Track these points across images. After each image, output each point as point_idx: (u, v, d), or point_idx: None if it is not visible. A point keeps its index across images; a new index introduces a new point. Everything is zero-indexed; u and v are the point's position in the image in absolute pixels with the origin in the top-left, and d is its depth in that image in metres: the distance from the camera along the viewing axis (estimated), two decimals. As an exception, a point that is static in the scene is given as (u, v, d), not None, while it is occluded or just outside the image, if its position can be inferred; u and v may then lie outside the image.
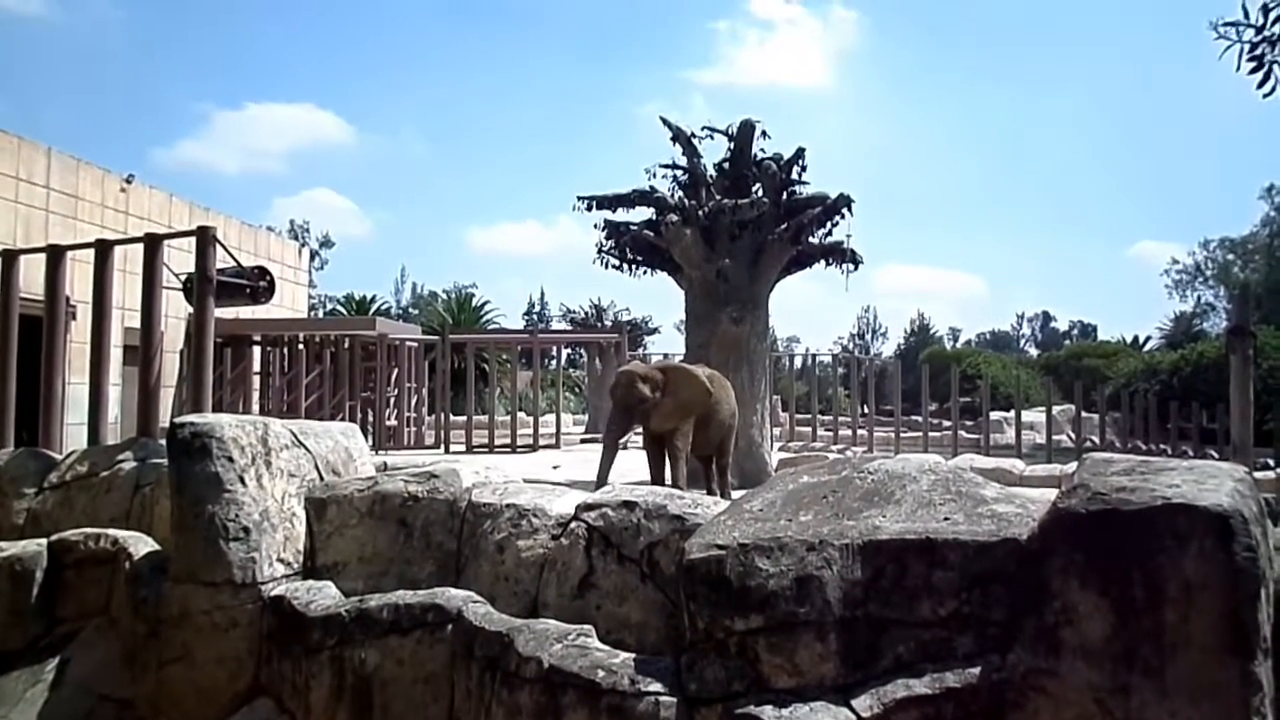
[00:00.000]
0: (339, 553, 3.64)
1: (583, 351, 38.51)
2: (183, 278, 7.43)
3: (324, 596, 3.41)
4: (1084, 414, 18.20)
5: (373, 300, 36.92)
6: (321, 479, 3.86)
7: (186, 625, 3.48)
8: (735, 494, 7.98)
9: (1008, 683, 2.33)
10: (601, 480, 7.11)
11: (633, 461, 9.14)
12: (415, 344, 17.69)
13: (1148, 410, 19.11)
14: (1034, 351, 54.02)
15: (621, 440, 7.48)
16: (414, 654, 3.10)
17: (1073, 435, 18.44)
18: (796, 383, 23.09)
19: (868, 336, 59.39)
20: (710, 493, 7.68)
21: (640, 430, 7.79)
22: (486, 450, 16.77)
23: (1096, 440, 17.71)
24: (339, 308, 36.42)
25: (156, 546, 3.92)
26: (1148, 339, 39.72)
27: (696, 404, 7.69)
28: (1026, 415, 18.43)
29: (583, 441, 20.34)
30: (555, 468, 11.78)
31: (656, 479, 7.57)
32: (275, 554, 3.59)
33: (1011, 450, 15.57)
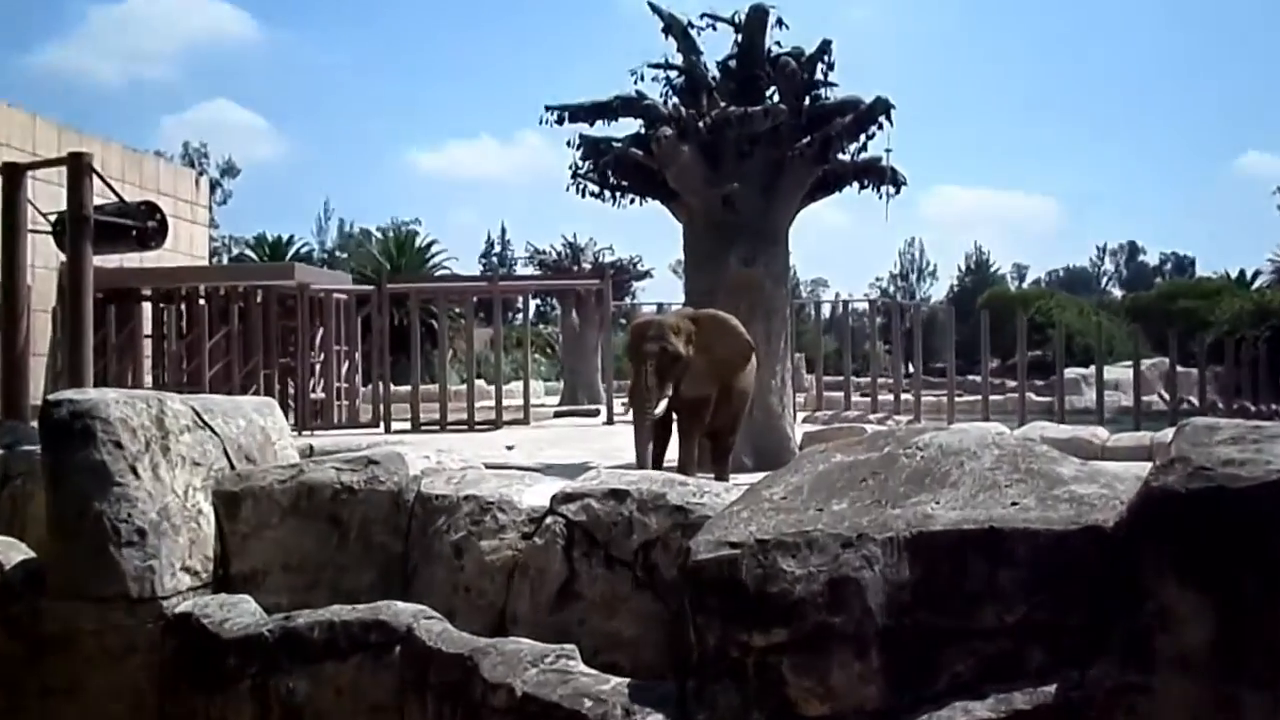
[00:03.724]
0: (257, 559, 3.66)
1: (555, 302, 38.68)
2: (52, 218, 7.35)
3: (241, 613, 3.42)
4: (1179, 369, 18.25)
5: (290, 243, 36.74)
6: (233, 468, 3.85)
7: (72, 650, 3.49)
8: (745, 477, 8.13)
9: (1089, 702, 2.35)
10: (643, 462, 7.33)
11: (618, 440, 9.19)
12: (345, 296, 17.61)
13: (1257, 362, 19.18)
14: (1118, 292, 54.33)
15: (660, 411, 7.57)
16: (354, 682, 3.12)
17: (1166, 396, 18.52)
18: (824, 337, 23.16)
19: (912, 277, 59.52)
20: (717, 479, 7.83)
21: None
22: (437, 429, 16.86)
23: (1195, 401, 17.84)
24: (248, 253, 36.22)
25: (30, 554, 3.90)
26: (1255, 275, 39.93)
27: (737, 363, 7.83)
28: (1109, 372, 18.48)
29: (558, 415, 20.53)
30: (509, 448, 12.06)
31: (655, 460, 7.71)
32: (179, 561, 3.60)
33: (1091, 415, 15.69)
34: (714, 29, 11.05)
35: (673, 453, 7.96)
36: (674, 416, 7.92)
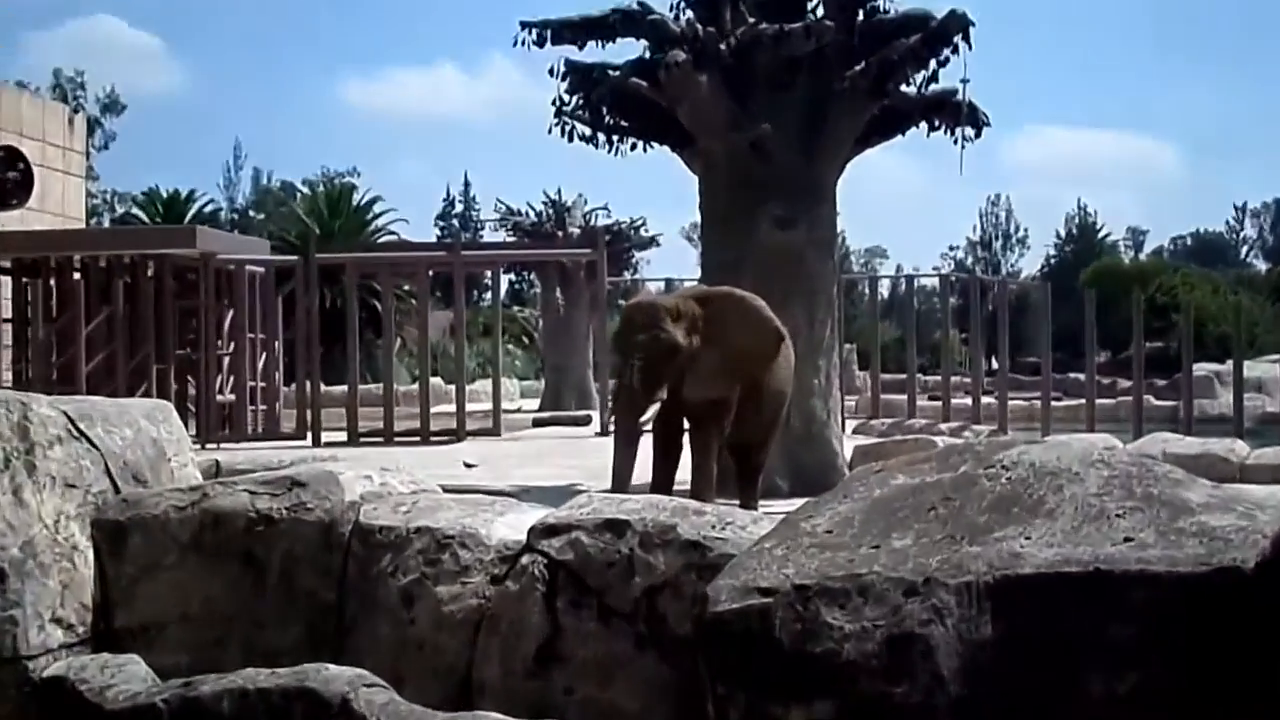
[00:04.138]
0: (150, 608, 3.67)
1: (534, 278, 38.65)
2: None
3: (128, 678, 3.43)
4: (1344, 365, 18.26)
5: (190, 199, 36.76)
6: (117, 491, 3.87)
7: (-92, 727, 3.54)
8: (780, 505, 8.17)
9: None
10: (621, 485, 7.39)
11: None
12: (261, 270, 17.61)
13: None
14: (1262, 265, 54.25)
15: (647, 420, 7.70)
16: (275, 768, 3.14)
17: (1325, 399, 18.56)
18: (883, 323, 23.15)
19: (996, 245, 59.55)
20: (743, 506, 7.91)
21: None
22: (381, 441, 16.83)
23: (1363, 406, 17.85)
24: (136, 213, 36.25)
25: None
26: None
27: (760, 357, 7.92)
28: (1250, 368, 18.43)
29: (538, 424, 20.55)
30: (469, 466, 12.14)
31: (661, 482, 7.76)
32: (48, 611, 3.61)
33: (1227, 424, 15.68)
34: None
35: (684, 474, 8.01)
36: (684, 427, 7.97)
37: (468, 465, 12.28)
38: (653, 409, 7.59)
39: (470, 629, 3.32)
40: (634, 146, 11.41)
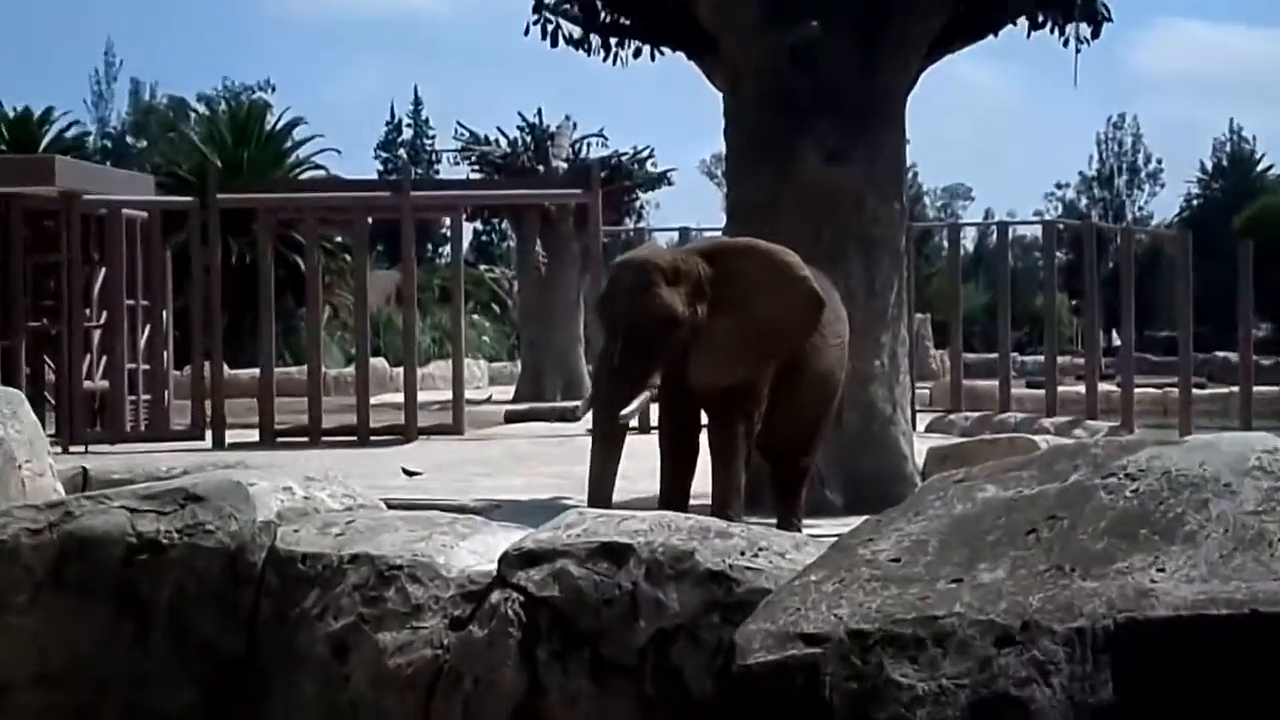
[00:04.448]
0: (-5, 663, 3.68)
1: (508, 227, 38.54)
2: None
3: (-34, 757, 3.45)
4: None
5: (47, 120, 36.74)
6: (-51, 508, 3.89)
7: None
8: (831, 524, 8.16)
9: None
10: (600, 497, 7.53)
11: (626, 455, 9.29)
12: (145, 215, 17.61)
13: None
14: None
15: (631, 413, 7.74)
16: None
17: None
18: (966, 287, 23.12)
19: (1119, 182, 59.33)
20: (782, 525, 7.94)
21: (659, 388, 8.10)
22: (306, 441, 16.86)
23: None
24: (-25, 137, 36.14)
25: None
26: None
27: (788, 329, 7.98)
28: None
29: (513, 419, 20.60)
30: (411, 474, 12.22)
31: (671, 494, 7.89)
32: None
33: None
34: None
35: (702, 483, 8.11)
36: (701, 421, 8.02)
37: (409, 473, 12.32)
38: (639, 400, 7.67)
39: (423, 689, 3.33)
40: (638, 53, 11.40)
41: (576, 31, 11.26)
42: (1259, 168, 53.37)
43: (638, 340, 7.51)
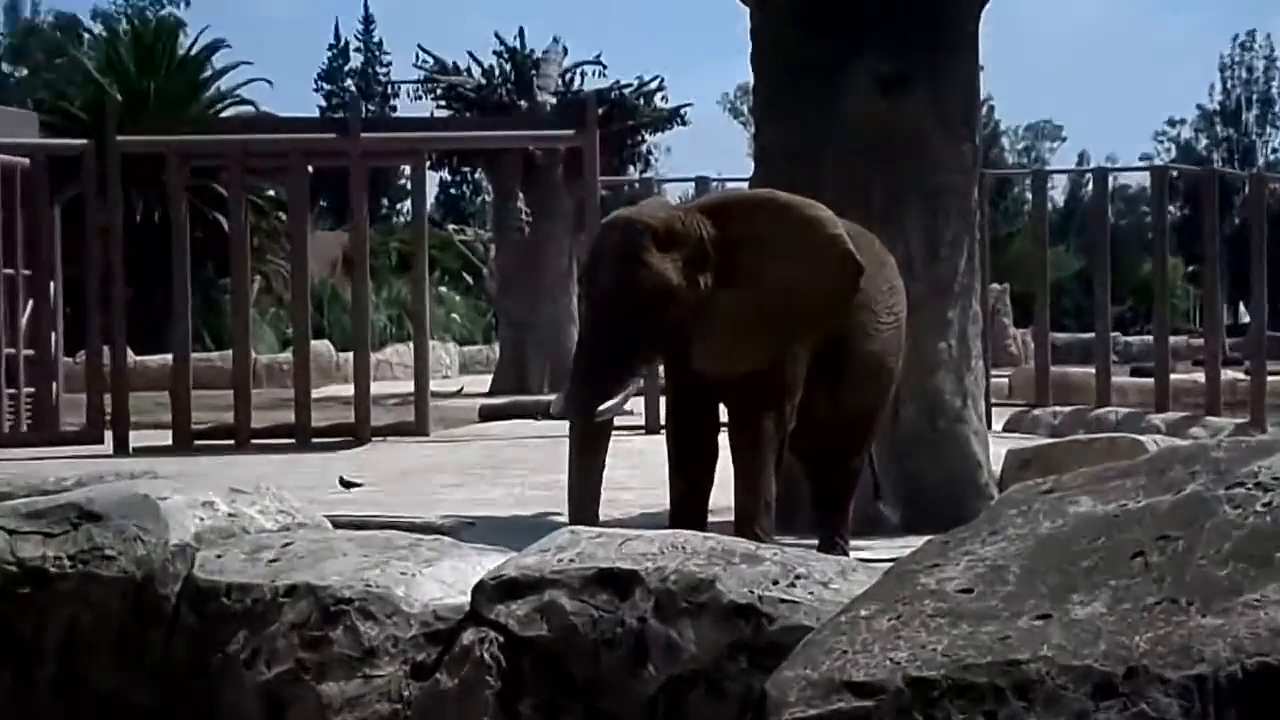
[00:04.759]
0: None
1: (483, 178, 38.34)
2: None
3: None
4: None
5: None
6: None
7: None
8: (886, 545, 8.06)
9: None
10: (582, 514, 7.49)
11: (617, 465, 9.27)
12: (26, 161, 17.48)
13: None
14: None
15: (611, 408, 7.70)
16: None
17: None
18: (1054, 249, 23.11)
19: (1248, 118, 59.09)
20: (824, 546, 7.99)
21: (666, 379, 8.25)
22: (232, 445, 16.84)
23: None
24: None
25: None
26: None
27: (816, 305, 7.99)
28: None
29: (490, 416, 20.58)
30: (349, 485, 12.20)
31: (685, 506, 7.91)
32: None
33: None
34: None
35: (720, 495, 8.13)
36: (719, 417, 8.08)
37: (347, 484, 12.34)
38: (622, 393, 7.64)
39: (377, 754, 3.36)
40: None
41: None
42: None
43: (619, 319, 7.46)
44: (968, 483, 9.97)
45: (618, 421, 19.56)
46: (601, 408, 7.54)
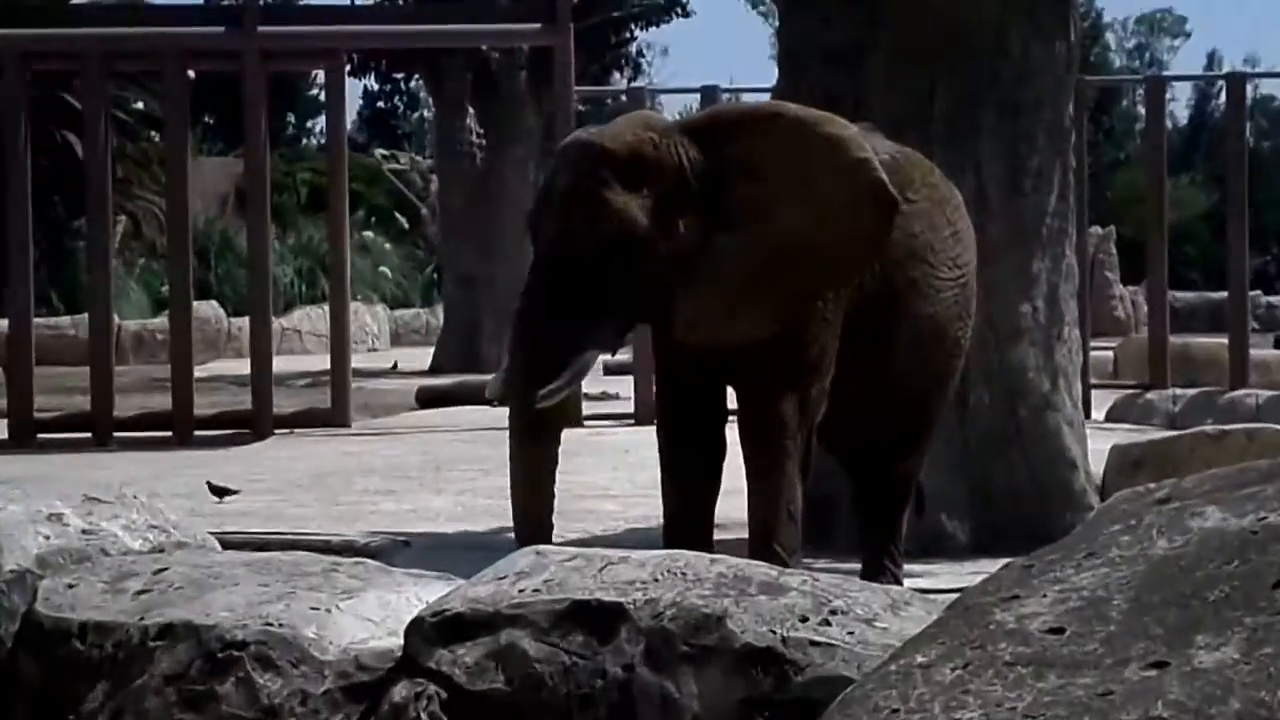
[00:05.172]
0: None
1: (421, 87, 37.91)
2: None
3: None
4: None
5: None
6: None
7: None
8: (934, 570, 8.01)
9: None
10: (528, 530, 7.45)
11: (591, 465, 9.29)
12: None
13: None
14: None
15: (560, 389, 7.64)
16: None
17: None
18: (1176, 181, 23.21)
19: None
20: (869, 570, 7.98)
21: (655, 352, 8.23)
22: (88, 439, 16.77)
23: None
24: None
25: None
26: None
27: (838, 254, 7.94)
28: None
29: (427, 402, 20.53)
30: (222, 494, 12.12)
31: (685, 520, 7.92)
32: None
33: None
34: None
35: (727, 505, 8.15)
36: (724, 402, 8.09)
37: (218, 493, 12.23)
38: (574, 370, 7.52)
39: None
40: None
41: None
42: None
43: (567, 277, 7.44)
44: (1058, 489, 9.98)
45: (598, 409, 19.58)
46: (546, 390, 7.49)
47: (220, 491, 12.22)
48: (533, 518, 7.58)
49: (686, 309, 7.53)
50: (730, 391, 8.00)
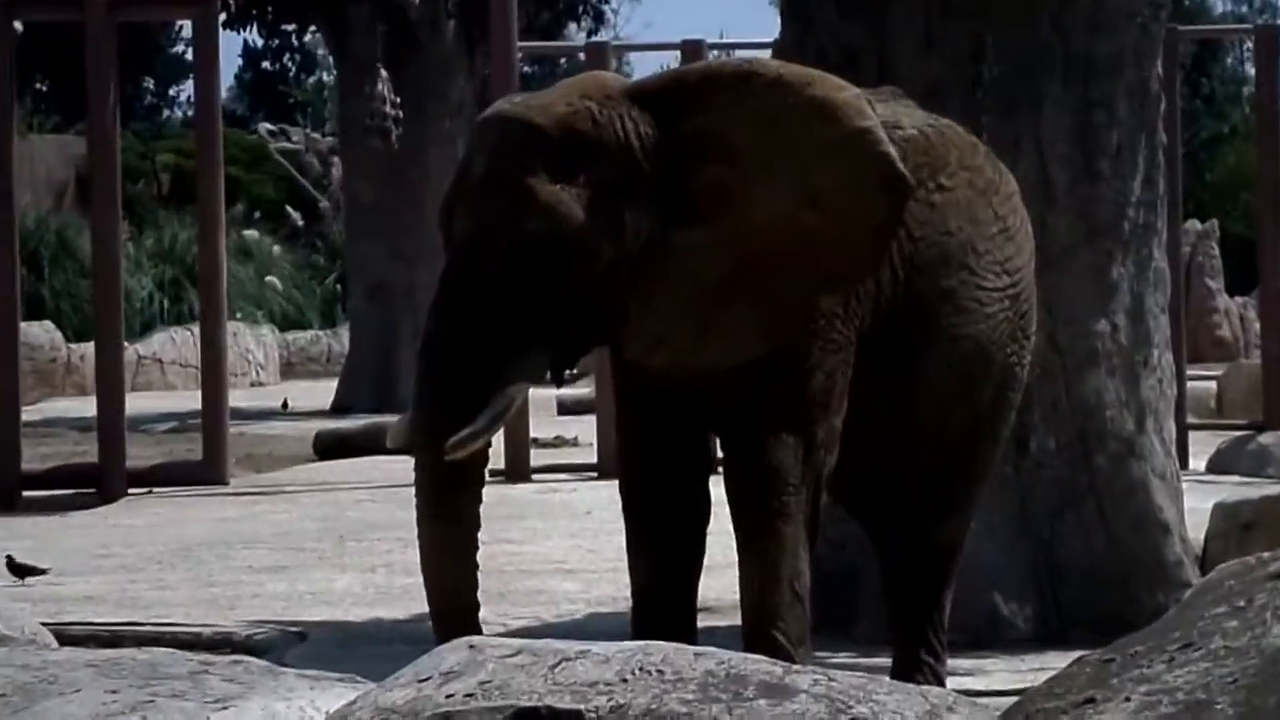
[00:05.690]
0: None
1: (318, 43, 38.03)
2: None
3: None
4: None
5: None
6: None
7: None
8: (988, 666, 7.97)
9: None
10: (447, 616, 7.42)
11: (548, 528, 9.33)
12: None
13: None
14: None
15: (479, 434, 7.54)
16: None
17: None
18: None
19: None
20: (902, 667, 8.00)
21: (616, 384, 8.18)
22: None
23: None
24: None
25: None
26: None
27: (837, 253, 7.89)
28: None
29: (326, 451, 20.51)
30: (25, 573, 12.07)
31: (658, 599, 7.94)
32: None
33: None
34: None
35: (713, 576, 8.13)
36: (704, 444, 8.07)
37: (19, 571, 12.17)
38: (498, 407, 7.44)
39: None
40: None
41: None
42: None
43: (483, 291, 7.40)
44: (1145, 560, 10.01)
45: (551, 458, 19.62)
46: (458, 437, 7.40)
47: (22, 570, 12.11)
48: (452, 598, 7.45)
49: (640, 327, 7.47)
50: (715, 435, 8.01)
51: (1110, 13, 10.17)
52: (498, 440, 7.83)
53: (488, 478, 7.60)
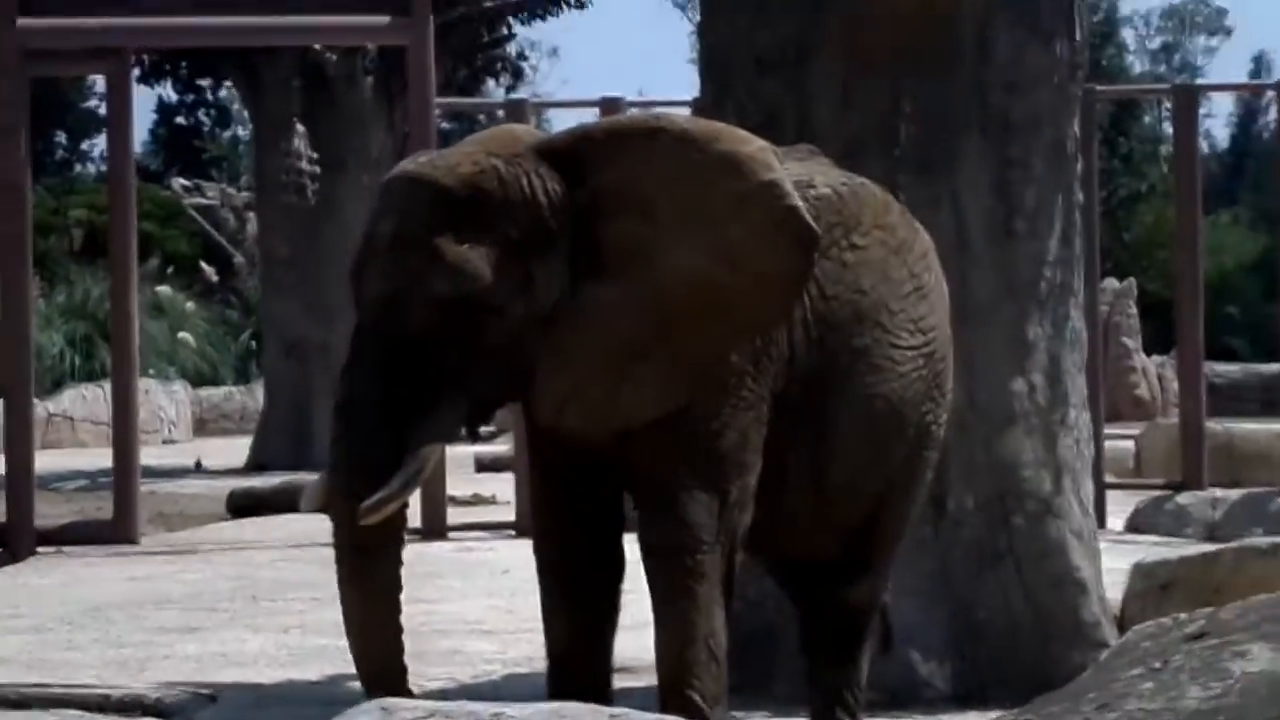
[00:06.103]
0: None
1: (234, 96, 37.89)
2: None
3: None
4: None
5: None
6: None
7: None
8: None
9: None
10: (377, 674, 7.42)
11: (493, 587, 9.34)
12: None
13: None
14: None
15: (394, 497, 7.48)
16: None
17: None
18: (1214, 220, 23.46)
19: None
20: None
21: (530, 441, 8.15)
22: None
23: None
24: None
25: None
26: None
27: (747, 308, 7.87)
28: None
29: (240, 510, 20.40)
30: None
31: (573, 658, 7.89)
32: None
33: None
34: None
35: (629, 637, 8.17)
36: (616, 504, 8.02)
37: None
38: (414, 472, 7.40)
39: None
40: None
41: None
42: None
43: (393, 352, 7.39)
44: (1063, 618, 10.04)
45: (467, 516, 19.64)
46: (373, 500, 7.37)
47: None
48: (381, 662, 7.45)
49: (552, 384, 7.47)
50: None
51: (1027, 73, 10.23)
52: (415, 498, 7.76)
53: (405, 537, 7.58)
